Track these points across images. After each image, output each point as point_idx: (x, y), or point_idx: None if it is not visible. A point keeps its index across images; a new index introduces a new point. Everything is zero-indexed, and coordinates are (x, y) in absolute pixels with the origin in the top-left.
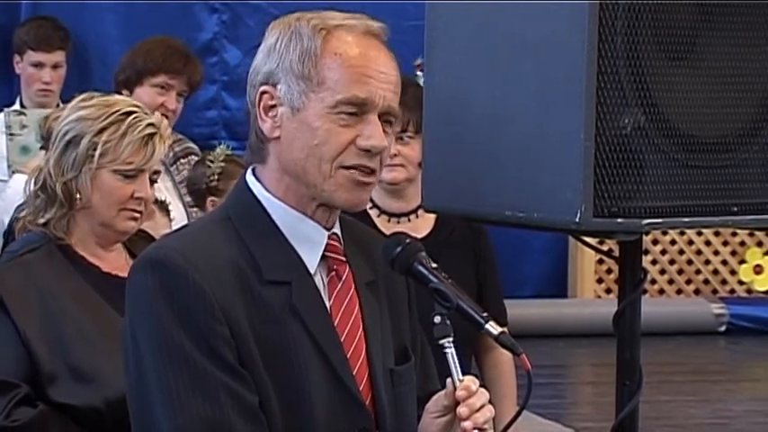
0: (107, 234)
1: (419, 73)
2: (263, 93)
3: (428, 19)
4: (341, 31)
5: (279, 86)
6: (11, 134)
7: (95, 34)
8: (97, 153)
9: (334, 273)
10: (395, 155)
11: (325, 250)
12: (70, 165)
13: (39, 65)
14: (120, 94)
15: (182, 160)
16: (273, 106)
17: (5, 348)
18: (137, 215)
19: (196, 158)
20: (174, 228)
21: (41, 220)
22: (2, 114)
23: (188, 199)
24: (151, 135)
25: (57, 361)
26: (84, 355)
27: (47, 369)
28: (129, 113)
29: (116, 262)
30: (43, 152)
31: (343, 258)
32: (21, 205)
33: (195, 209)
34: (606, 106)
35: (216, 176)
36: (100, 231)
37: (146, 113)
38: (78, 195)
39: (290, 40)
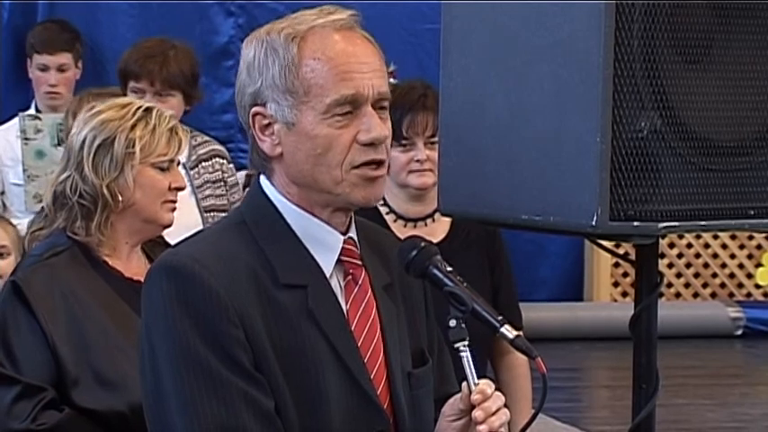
0: (149, 230)
1: (392, 80)
2: (255, 114)
3: (444, 22)
4: (313, 35)
5: (268, 105)
6: (26, 138)
7: (111, 37)
8: (137, 149)
9: (350, 277)
10: (425, 159)
11: (340, 254)
12: (108, 166)
13: (44, 68)
14: None
15: (204, 163)
16: (268, 125)
17: (33, 352)
18: (175, 206)
19: (222, 161)
20: (189, 233)
21: (80, 229)
22: (17, 119)
23: (206, 203)
24: (175, 126)
25: (81, 365)
26: (108, 360)
27: (71, 373)
28: (149, 109)
29: (137, 267)
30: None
31: (360, 262)
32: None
33: (212, 213)
34: (623, 110)
35: None
36: (142, 228)
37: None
38: (120, 196)
39: (266, 56)
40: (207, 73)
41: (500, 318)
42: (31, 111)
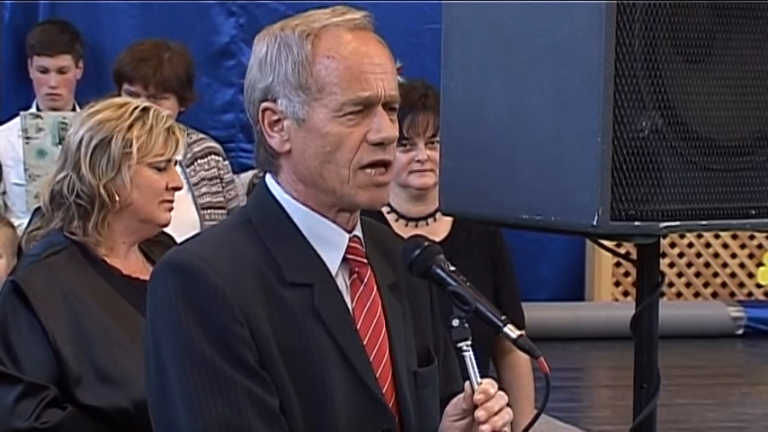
0: (146, 230)
1: (399, 78)
2: (265, 110)
3: (445, 22)
4: (328, 33)
5: (279, 101)
6: (27, 137)
7: (112, 38)
8: (134, 149)
9: (356, 275)
10: (425, 160)
11: (346, 252)
12: (105, 166)
13: (44, 70)
14: None
15: (199, 161)
16: (278, 120)
17: (34, 351)
18: (172, 206)
19: (217, 158)
20: (191, 234)
21: (78, 229)
22: (18, 118)
23: (203, 201)
24: (172, 125)
25: (83, 363)
26: (109, 357)
27: (74, 371)
28: (146, 109)
29: (135, 265)
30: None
31: (365, 261)
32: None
33: (208, 211)
34: (624, 109)
35: None
36: (139, 228)
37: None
38: (117, 196)
39: (279, 52)
40: (208, 73)
41: (503, 317)
42: (33, 110)
